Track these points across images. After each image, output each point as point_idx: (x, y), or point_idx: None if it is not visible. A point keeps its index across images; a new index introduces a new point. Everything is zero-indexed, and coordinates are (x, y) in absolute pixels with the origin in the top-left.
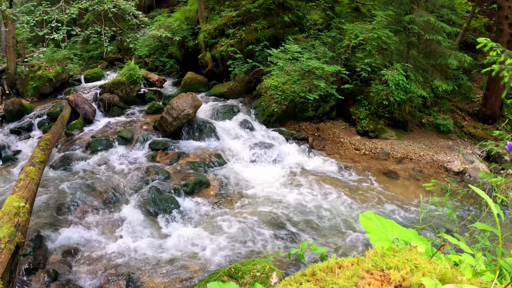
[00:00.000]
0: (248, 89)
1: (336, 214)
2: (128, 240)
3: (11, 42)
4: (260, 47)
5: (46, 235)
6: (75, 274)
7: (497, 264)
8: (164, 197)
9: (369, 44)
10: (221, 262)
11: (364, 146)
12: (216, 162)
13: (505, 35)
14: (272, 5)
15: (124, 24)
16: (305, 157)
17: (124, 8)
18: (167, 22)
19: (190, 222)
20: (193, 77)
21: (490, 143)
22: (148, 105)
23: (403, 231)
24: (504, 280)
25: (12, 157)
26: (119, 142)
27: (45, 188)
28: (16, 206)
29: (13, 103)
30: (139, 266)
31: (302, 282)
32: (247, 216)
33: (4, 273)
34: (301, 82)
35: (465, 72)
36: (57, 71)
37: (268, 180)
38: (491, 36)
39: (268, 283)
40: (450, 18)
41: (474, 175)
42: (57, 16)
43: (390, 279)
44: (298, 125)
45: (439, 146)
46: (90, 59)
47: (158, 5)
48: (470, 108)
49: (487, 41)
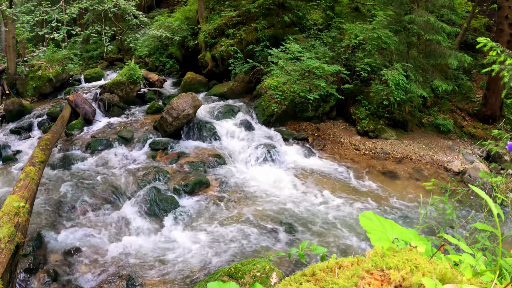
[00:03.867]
0: (248, 89)
1: (336, 214)
2: (128, 240)
3: (11, 42)
4: (260, 47)
5: (46, 235)
6: (75, 274)
7: (497, 264)
8: (164, 197)
9: (369, 44)
10: (221, 262)
11: (364, 146)
12: (216, 162)
13: (505, 35)
14: (272, 5)
15: (124, 24)
16: (305, 157)
17: (124, 8)
18: (167, 22)
19: (190, 222)
20: (193, 77)
21: (489, 143)
22: (148, 105)
23: (403, 231)
24: (504, 280)
25: (12, 157)
26: (119, 142)
27: (45, 188)
28: (16, 206)
29: (13, 103)
30: (139, 266)
31: (302, 282)
32: (247, 216)
33: (4, 273)
34: (301, 82)
35: (465, 72)
36: (57, 71)
37: (268, 180)
38: (491, 36)
39: (268, 283)
40: (450, 18)
41: (474, 175)
42: (57, 16)
43: (390, 279)
44: (298, 125)
45: (439, 146)
46: (90, 59)
47: (158, 5)
48: (470, 108)
49: (487, 41)
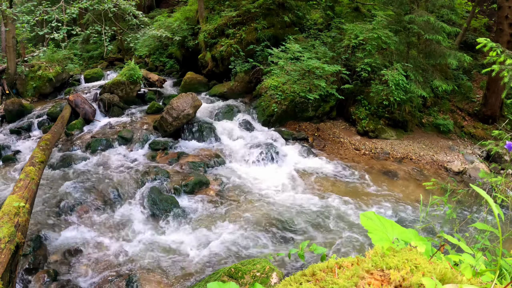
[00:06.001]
0: (248, 89)
1: (336, 214)
2: (128, 240)
3: (11, 42)
4: (260, 47)
5: (46, 235)
6: (75, 274)
7: (497, 264)
8: (164, 197)
9: (369, 44)
10: (221, 262)
11: (364, 146)
12: (216, 162)
13: (505, 35)
14: (272, 5)
15: (124, 24)
16: (305, 157)
17: (124, 8)
18: (167, 22)
19: (190, 222)
20: (193, 77)
21: (489, 143)
22: (148, 105)
23: (403, 231)
24: (504, 280)
25: (12, 157)
26: (119, 142)
27: (45, 188)
28: (16, 206)
29: (13, 103)
30: (139, 266)
31: (302, 282)
32: (247, 216)
33: (4, 273)
34: (301, 82)
35: (465, 72)
36: (57, 71)
37: (268, 180)
38: (491, 36)
39: (268, 283)
40: (450, 18)
41: (474, 175)
42: (57, 16)
43: (390, 279)
44: (298, 125)
45: (439, 146)
46: (90, 59)
47: (158, 5)
48: (470, 108)
49: (487, 41)
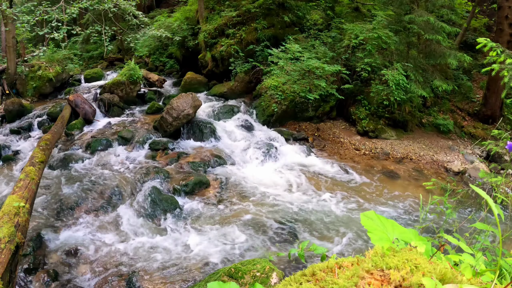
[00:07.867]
0: (248, 89)
1: (336, 214)
2: (128, 240)
3: (11, 42)
4: (260, 47)
5: (46, 235)
6: (75, 274)
7: (497, 264)
8: (164, 197)
9: (369, 44)
10: (221, 262)
11: (364, 146)
12: (216, 162)
13: (505, 35)
14: (272, 5)
15: (124, 24)
16: (305, 157)
17: (124, 8)
18: (167, 22)
19: (190, 222)
20: (193, 77)
21: (489, 143)
22: (148, 105)
23: (403, 231)
24: (504, 280)
25: (12, 157)
26: (119, 142)
27: (45, 188)
28: (16, 206)
29: (13, 103)
30: (139, 266)
31: (302, 282)
32: (247, 216)
33: (4, 273)
34: (301, 82)
35: (465, 72)
36: (57, 71)
37: (268, 180)
38: (491, 36)
39: (268, 283)
40: (450, 18)
41: (474, 175)
42: (57, 16)
43: (390, 279)
44: (298, 125)
45: (439, 146)
46: (90, 59)
47: (158, 5)
48: (470, 108)
49: (487, 41)
